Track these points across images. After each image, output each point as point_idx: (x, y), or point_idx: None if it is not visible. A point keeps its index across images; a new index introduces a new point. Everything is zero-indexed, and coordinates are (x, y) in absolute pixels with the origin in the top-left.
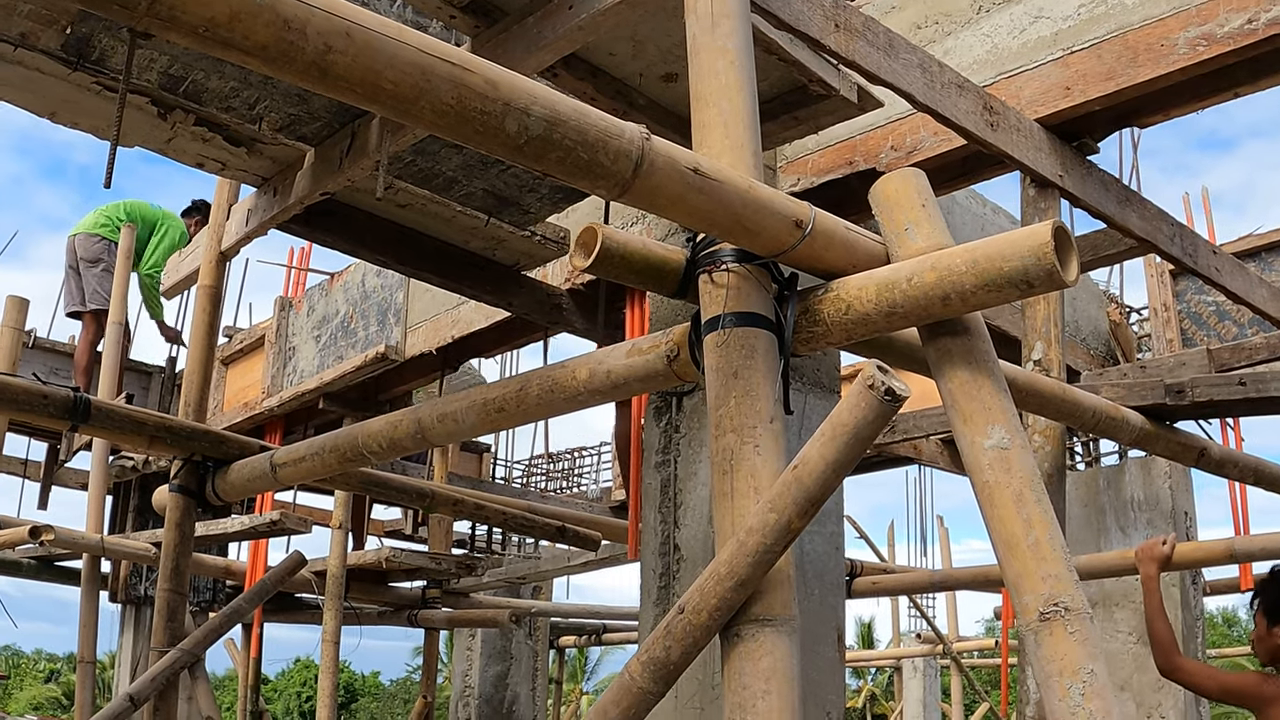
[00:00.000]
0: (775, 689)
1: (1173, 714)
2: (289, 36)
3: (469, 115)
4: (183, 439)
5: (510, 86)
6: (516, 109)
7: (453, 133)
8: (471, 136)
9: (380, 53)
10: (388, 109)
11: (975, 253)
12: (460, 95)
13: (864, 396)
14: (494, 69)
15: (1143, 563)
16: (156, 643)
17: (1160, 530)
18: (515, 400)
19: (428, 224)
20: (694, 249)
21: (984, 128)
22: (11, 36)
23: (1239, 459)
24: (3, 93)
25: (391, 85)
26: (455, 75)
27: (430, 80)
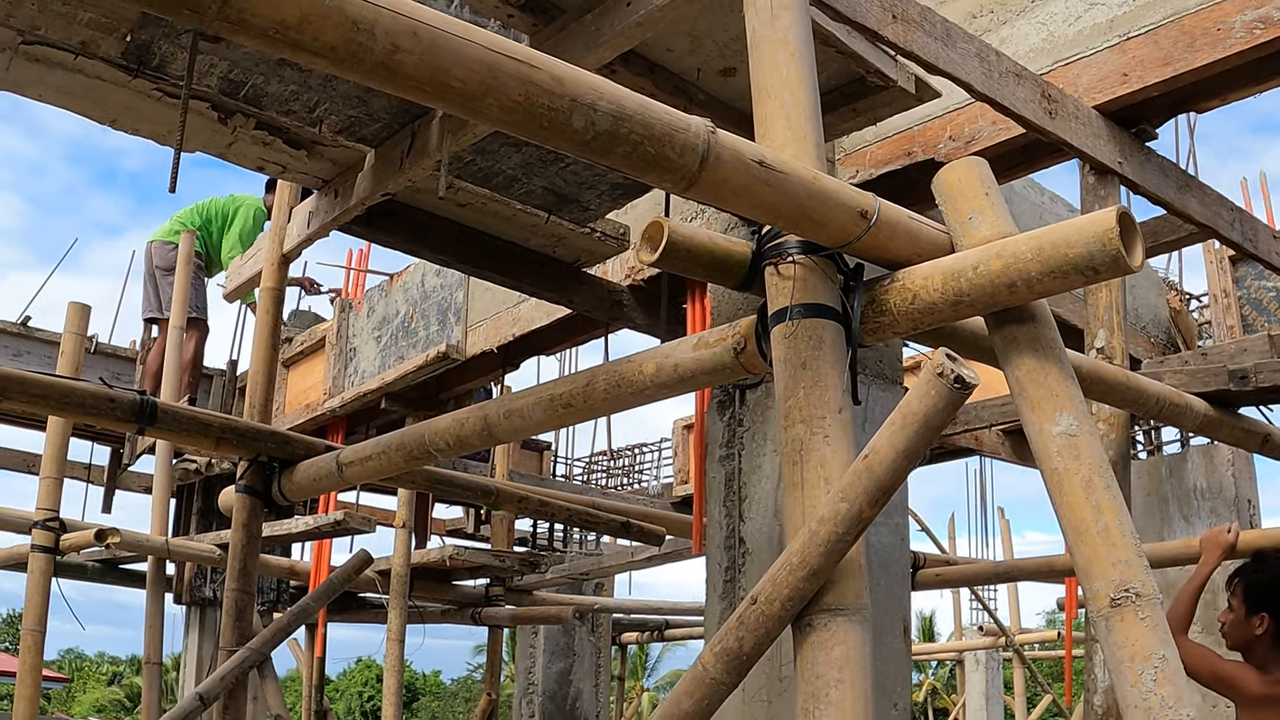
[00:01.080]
0: (848, 678)
1: None
2: (357, 37)
3: (536, 111)
4: (249, 440)
5: (576, 82)
6: (583, 104)
7: (520, 129)
8: (538, 133)
9: (447, 51)
10: (455, 106)
11: (1041, 240)
12: (527, 92)
13: (934, 384)
14: (560, 65)
15: (1206, 550)
16: (225, 642)
17: (1224, 518)
18: (582, 396)
19: (488, 222)
20: (759, 241)
21: (1042, 116)
22: (72, 45)
23: None
24: (64, 101)
25: (459, 83)
26: (522, 72)
27: (497, 77)
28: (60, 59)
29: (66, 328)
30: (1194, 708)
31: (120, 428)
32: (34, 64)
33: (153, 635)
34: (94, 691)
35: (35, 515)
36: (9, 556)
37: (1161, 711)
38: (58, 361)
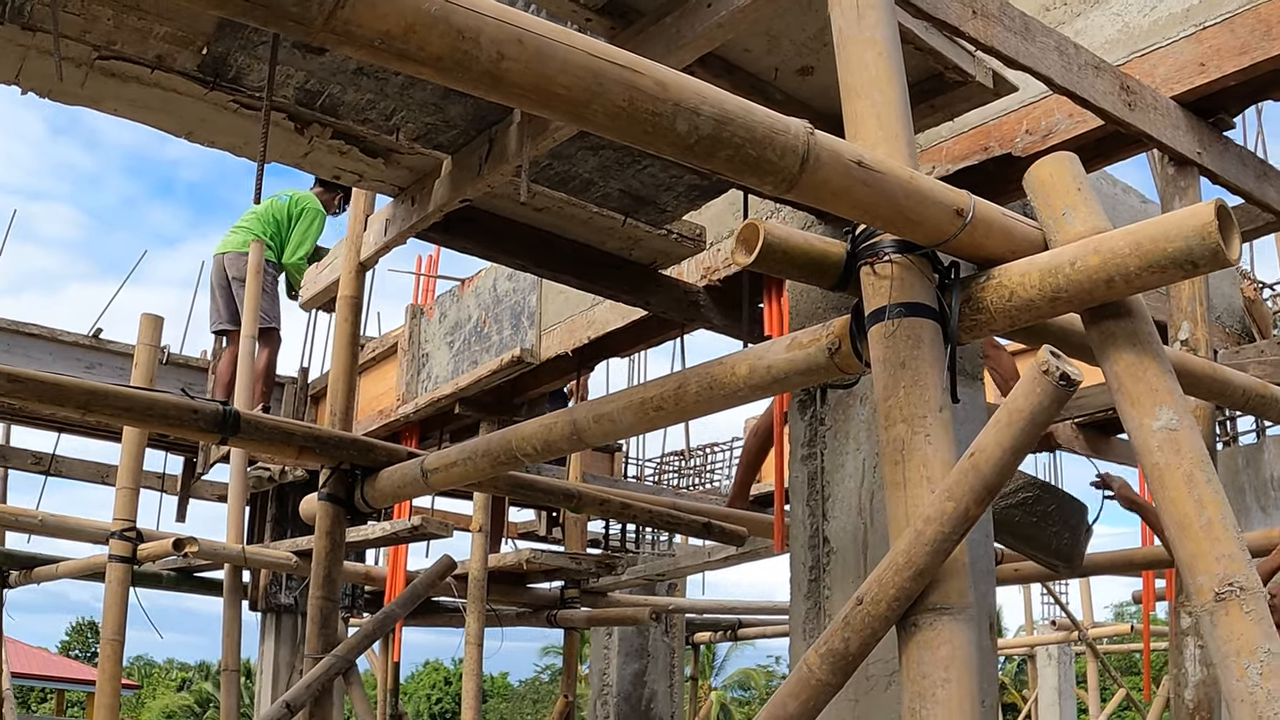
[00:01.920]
0: (955, 677)
1: None
2: (463, 46)
3: (640, 117)
4: (331, 448)
5: (679, 87)
6: (686, 109)
7: (625, 135)
8: (641, 138)
9: (552, 58)
10: (561, 114)
11: (1138, 234)
12: (631, 97)
13: (1040, 382)
14: (663, 70)
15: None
16: (311, 649)
17: None
18: (674, 399)
19: (564, 226)
20: (854, 241)
21: (1122, 108)
22: (148, 59)
23: None
24: (140, 115)
25: (564, 90)
26: (626, 78)
27: (602, 83)
28: (136, 73)
29: (140, 339)
30: None
31: (203, 438)
32: (109, 78)
33: (230, 643)
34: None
35: (112, 525)
36: (87, 566)
37: (1268, 705)
38: (131, 373)
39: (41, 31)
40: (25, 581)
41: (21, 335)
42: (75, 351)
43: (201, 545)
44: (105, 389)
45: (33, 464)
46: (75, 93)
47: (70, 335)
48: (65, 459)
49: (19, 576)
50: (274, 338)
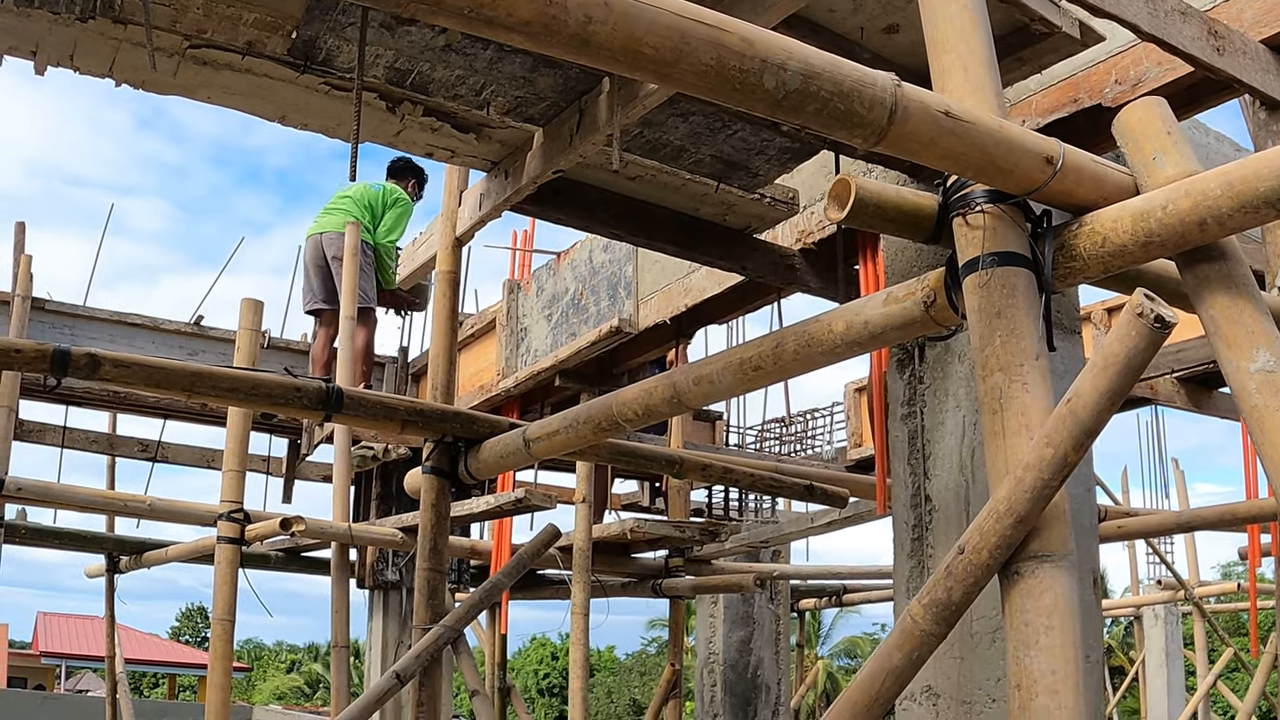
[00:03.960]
0: (1058, 624)
1: None
2: (550, 10)
3: (728, 74)
4: (434, 421)
5: (765, 44)
6: (774, 65)
7: (713, 93)
8: (730, 95)
9: (639, 19)
10: (649, 74)
11: (1230, 175)
12: (719, 55)
13: (1134, 325)
14: (749, 27)
15: None
16: (419, 620)
17: None
18: (772, 358)
19: (657, 194)
20: (945, 193)
21: (1210, 53)
22: (238, 46)
23: None
24: (232, 101)
25: (652, 50)
26: (713, 36)
27: (689, 42)
28: (227, 60)
29: (241, 324)
30: None
31: (308, 416)
32: (201, 66)
33: (339, 620)
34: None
35: (220, 508)
36: (196, 549)
37: None
38: (234, 357)
39: (133, 24)
40: (135, 566)
41: (124, 325)
42: (178, 339)
43: (308, 524)
44: (210, 370)
45: (140, 451)
46: (169, 82)
47: (172, 324)
48: (171, 445)
49: (129, 562)
50: (371, 317)
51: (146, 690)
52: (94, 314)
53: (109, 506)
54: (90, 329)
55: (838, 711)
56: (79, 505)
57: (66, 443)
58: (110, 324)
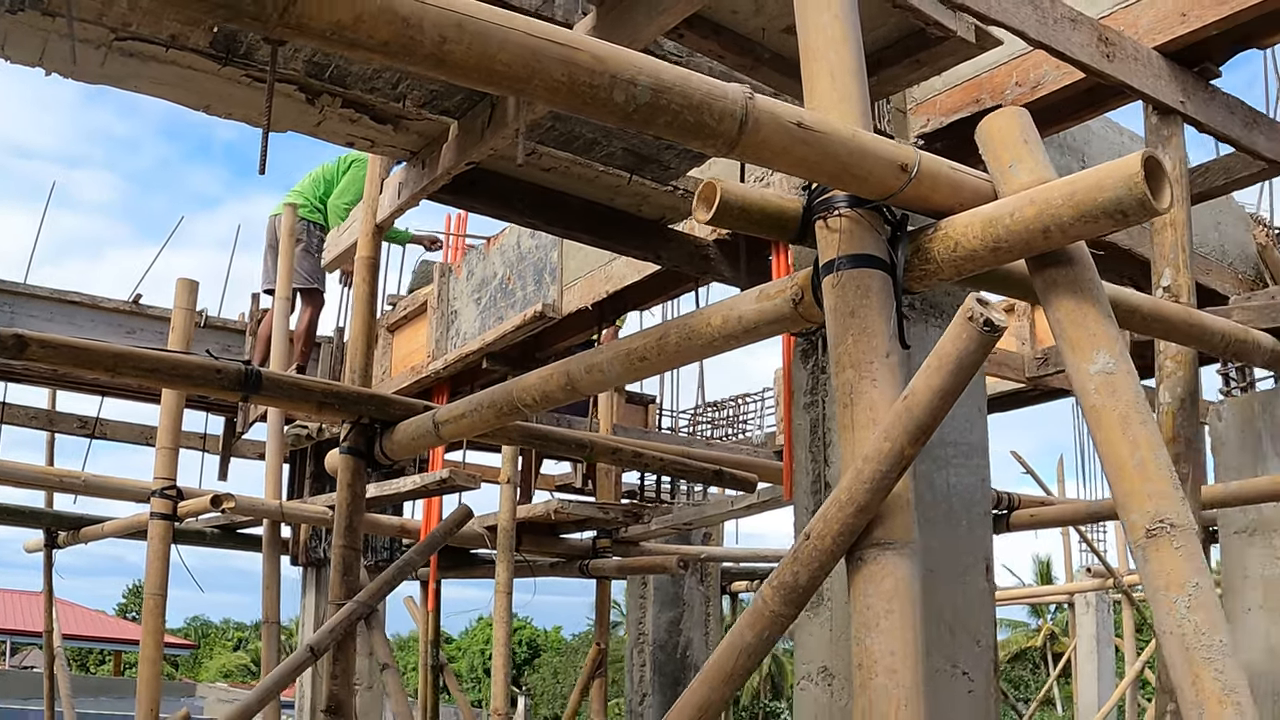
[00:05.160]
0: (897, 609)
1: None
2: (408, 32)
3: (579, 89)
4: (350, 403)
5: (616, 60)
6: (623, 80)
7: (565, 106)
8: (583, 108)
9: (491, 39)
10: (504, 89)
11: (1073, 185)
12: (570, 72)
13: (964, 328)
14: (600, 45)
15: None
16: (334, 596)
17: None
18: (656, 349)
19: (573, 185)
20: (809, 196)
21: (1100, 59)
22: (162, 39)
23: None
24: (159, 91)
25: (505, 68)
26: (564, 54)
27: (540, 60)
28: (153, 52)
29: (176, 303)
30: (1226, 634)
31: (227, 396)
32: (128, 58)
33: (270, 595)
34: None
35: (153, 484)
36: (130, 525)
37: (1195, 637)
38: (169, 337)
39: (60, 16)
40: (73, 542)
41: (64, 303)
42: (116, 318)
43: (239, 501)
44: (132, 352)
45: (79, 428)
46: (97, 72)
47: (111, 302)
48: (109, 422)
49: (67, 537)
50: (317, 299)
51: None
52: (34, 291)
53: (45, 482)
54: (30, 307)
55: (695, 687)
56: (15, 480)
57: (5, 418)
58: (50, 302)
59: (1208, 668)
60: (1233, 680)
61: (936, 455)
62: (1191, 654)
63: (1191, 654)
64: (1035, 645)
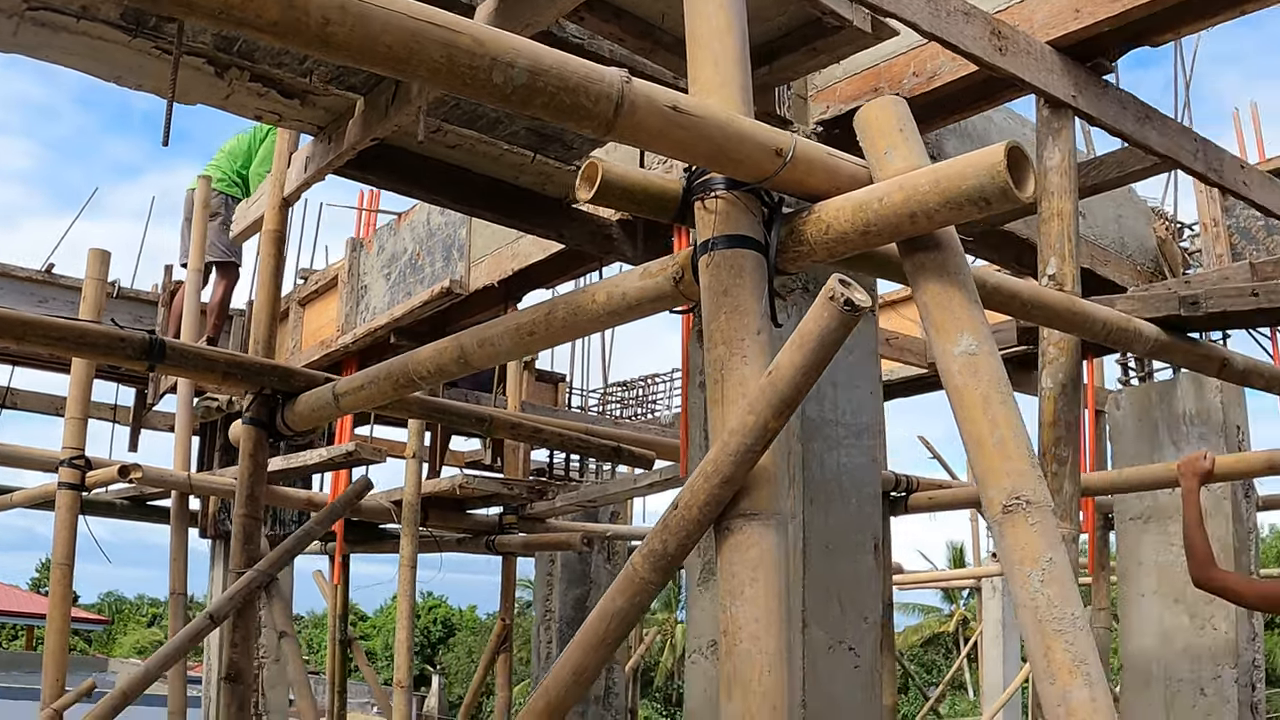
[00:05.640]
0: (761, 577)
1: (1225, 625)
2: (294, 13)
3: (459, 71)
4: (253, 374)
5: (495, 43)
6: (502, 62)
7: (445, 86)
8: (463, 88)
9: (373, 21)
10: (387, 69)
11: (939, 173)
12: (449, 54)
13: (826, 308)
14: (481, 29)
15: (1184, 476)
16: (235, 565)
17: (1213, 445)
18: (544, 324)
19: (478, 162)
20: (689, 178)
21: (992, 52)
22: (73, 9)
23: (1265, 370)
24: (71, 61)
25: (387, 49)
26: (444, 37)
27: (421, 42)
28: (64, 23)
29: (88, 274)
30: (1078, 607)
31: (131, 365)
32: (40, 28)
33: (177, 567)
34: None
35: (61, 454)
36: (37, 495)
37: (1048, 610)
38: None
39: None
40: None
41: None
42: (29, 287)
43: (147, 472)
44: (39, 320)
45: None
46: (10, 41)
47: (24, 271)
48: (20, 392)
49: None
50: (232, 271)
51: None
52: None
53: None
54: None
55: (570, 651)
56: None
57: None
58: None
59: (1059, 639)
60: (1083, 651)
61: (828, 435)
62: (1044, 626)
63: (1044, 626)
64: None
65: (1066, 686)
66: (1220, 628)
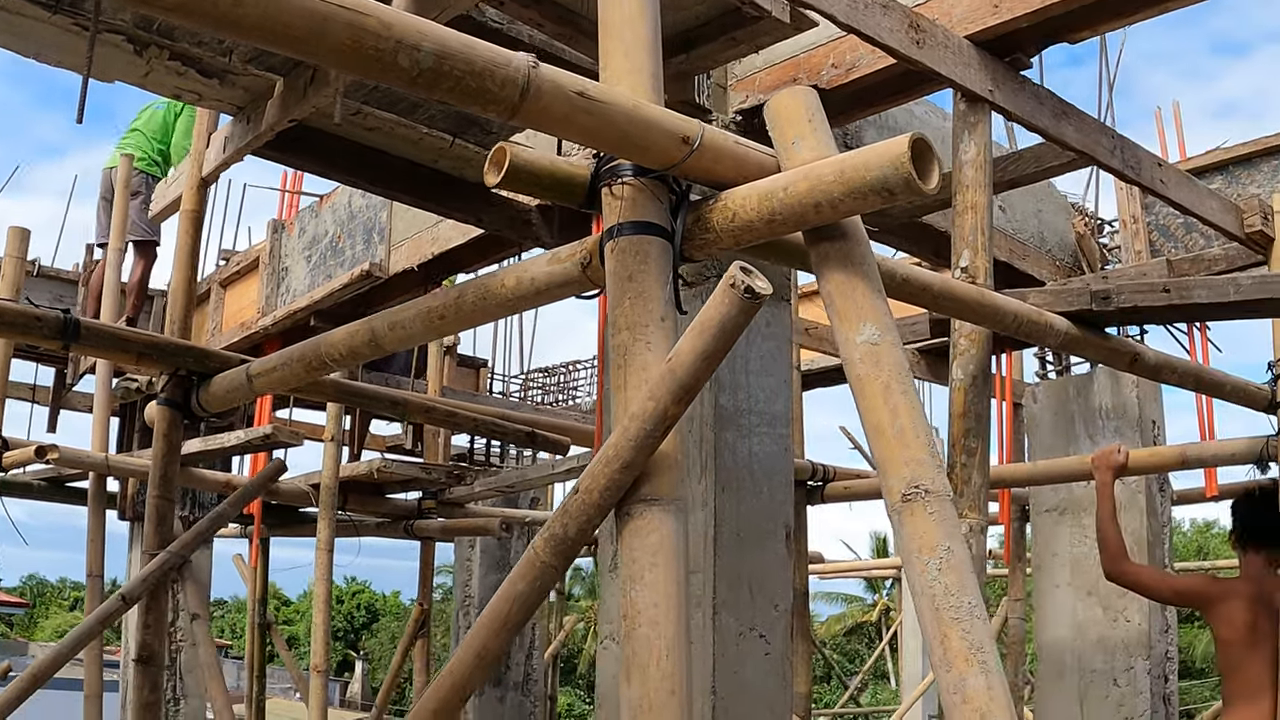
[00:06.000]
0: (661, 562)
1: (1138, 617)
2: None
3: (365, 53)
4: (168, 354)
5: (402, 25)
6: (408, 45)
7: (352, 69)
8: (370, 71)
9: (280, 3)
10: (294, 50)
11: (843, 164)
12: (356, 36)
13: (727, 295)
14: (388, 12)
15: (1098, 470)
16: (148, 546)
17: (1128, 439)
18: (454, 308)
19: (397, 146)
20: (597, 164)
21: (909, 45)
22: None
23: (1177, 365)
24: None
25: (293, 30)
26: (351, 19)
27: (328, 24)
28: None
29: (6, 251)
30: (975, 595)
31: (46, 344)
32: None
33: (94, 549)
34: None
35: None
36: None
37: (945, 598)
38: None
39: None
40: None
41: None
42: None
43: (64, 452)
44: None
45: None
46: None
47: None
48: None
49: None
50: (150, 251)
51: None
52: None
53: None
54: None
55: (473, 634)
56: None
57: None
58: None
59: (956, 627)
60: (979, 639)
61: (741, 424)
62: (941, 614)
63: (941, 614)
64: (871, 620)
65: (962, 674)
66: (1133, 620)
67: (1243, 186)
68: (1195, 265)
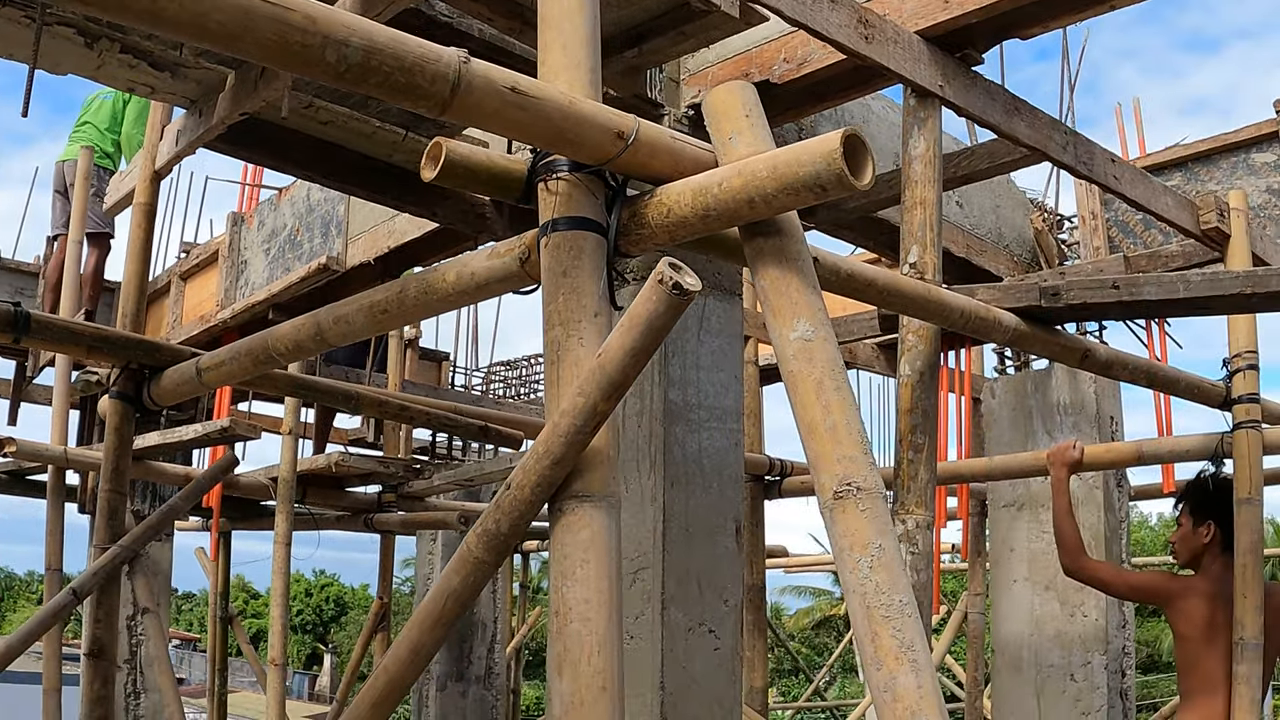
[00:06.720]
0: (593, 558)
1: (1095, 612)
2: None
3: (291, 48)
4: (119, 348)
5: (329, 21)
6: (335, 40)
7: (277, 63)
8: (296, 66)
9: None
10: (220, 44)
11: (776, 160)
12: (281, 31)
13: (655, 290)
14: (314, 7)
15: (1053, 466)
16: (99, 540)
17: (1086, 434)
18: (396, 302)
19: (351, 139)
20: (534, 160)
21: (858, 40)
22: None
23: (1129, 361)
24: None
25: (218, 25)
26: (276, 14)
27: (253, 19)
28: None
29: None
30: (907, 593)
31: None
32: None
33: (53, 542)
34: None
35: None
36: None
37: (876, 596)
38: None
39: None
40: None
41: None
42: None
43: (21, 446)
44: None
45: None
46: None
47: None
48: None
49: None
50: (104, 243)
51: None
52: None
53: None
54: None
55: (408, 630)
56: None
57: None
58: None
59: (886, 625)
60: (910, 638)
61: (690, 419)
62: (872, 612)
63: (872, 612)
64: (839, 614)
65: (893, 672)
66: (1090, 615)
67: (1202, 184)
68: (1153, 262)
